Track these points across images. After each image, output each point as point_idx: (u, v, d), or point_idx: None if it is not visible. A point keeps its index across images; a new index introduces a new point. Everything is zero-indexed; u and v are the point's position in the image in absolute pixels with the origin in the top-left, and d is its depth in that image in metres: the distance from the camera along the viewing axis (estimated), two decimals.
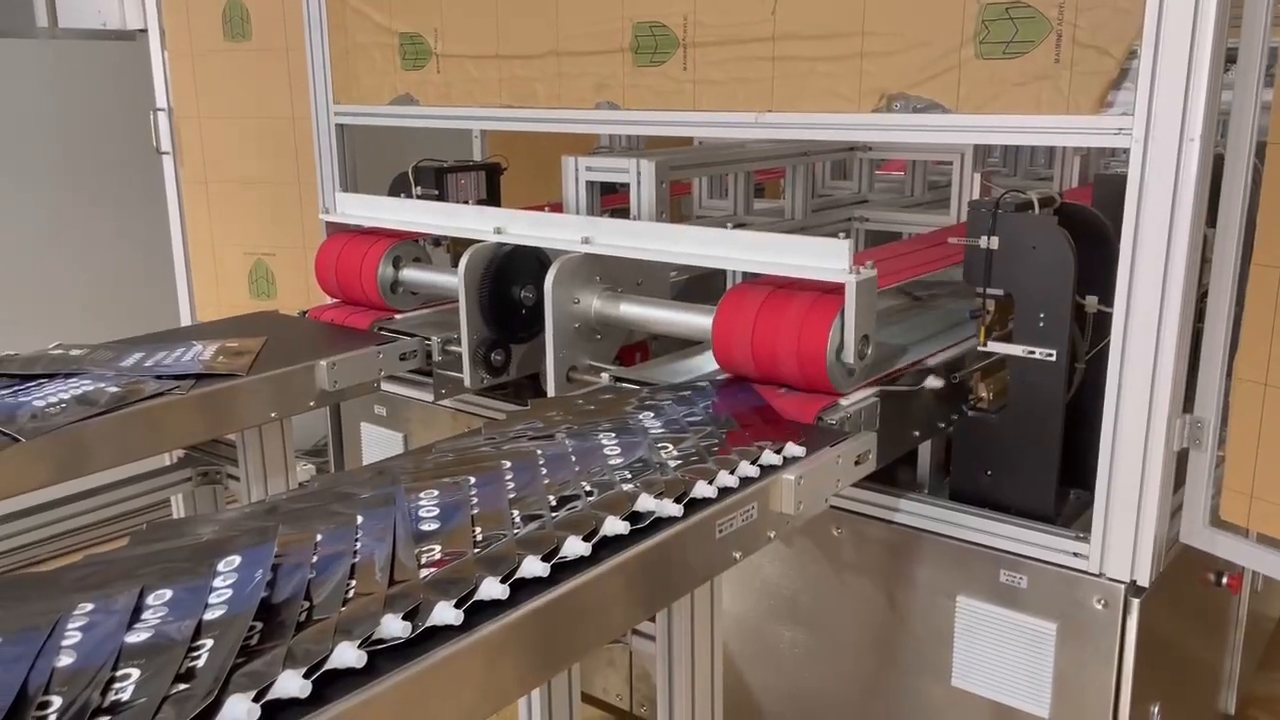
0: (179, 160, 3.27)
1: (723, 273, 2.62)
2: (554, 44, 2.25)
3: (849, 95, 1.88)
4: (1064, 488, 1.87)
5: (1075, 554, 1.76)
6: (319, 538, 1.16)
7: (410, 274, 2.43)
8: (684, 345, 2.15)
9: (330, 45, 2.69)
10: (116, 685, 0.88)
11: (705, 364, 1.98)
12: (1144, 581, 1.71)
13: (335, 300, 2.56)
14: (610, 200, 2.65)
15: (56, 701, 0.85)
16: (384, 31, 2.57)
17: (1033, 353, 1.81)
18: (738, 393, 1.76)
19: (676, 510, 1.25)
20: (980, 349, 1.86)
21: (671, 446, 1.46)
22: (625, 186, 2.39)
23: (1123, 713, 1.75)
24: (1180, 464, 1.75)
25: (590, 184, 2.38)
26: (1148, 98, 1.57)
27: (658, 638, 1.51)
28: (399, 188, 2.76)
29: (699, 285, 2.73)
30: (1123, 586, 1.72)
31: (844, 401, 1.71)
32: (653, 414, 1.63)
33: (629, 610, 1.21)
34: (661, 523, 1.25)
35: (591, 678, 2.47)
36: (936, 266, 2.06)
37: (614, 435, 1.51)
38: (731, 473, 1.37)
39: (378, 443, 2.79)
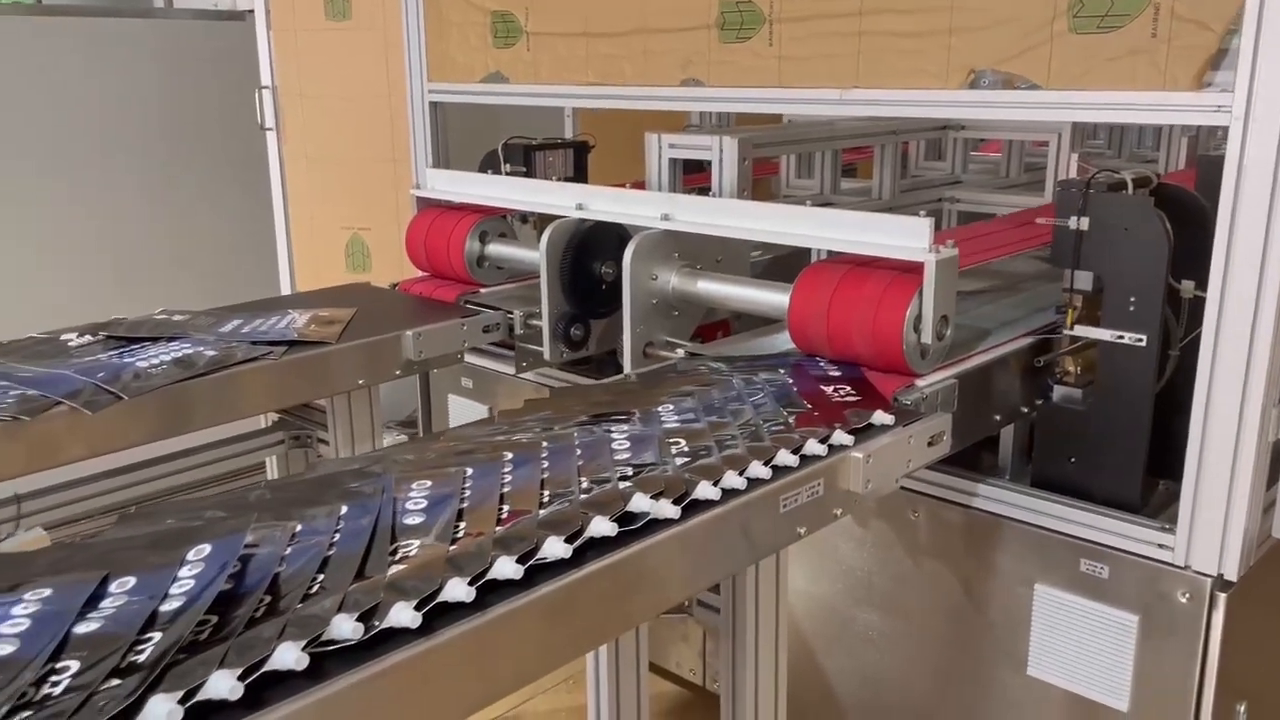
0: (282, 137, 3.38)
1: (806, 254, 2.59)
2: (640, 21, 2.26)
3: (935, 71, 1.85)
4: (1151, 477, 1.81)
5: (1160, 545, 1.70)
6: (298, 528, 1.12)
7: (496, 249, 2.48)
8: (765, 324, 2.15)
9: (425, 24, 2.75)
10: (53, 677, 0.85)
11: (783, 343, 1.97)
12: (1232, 576, 1.65)
13: (424, 274, 2.62)
14: (693, 179, 2.65)
15: None
16: (476, 10, 2.62)
17: (1122, 338, 1.75)
18: (811, 371, 1.75)
19: (674, 512, 1.18)
20: (1067, 333, 1.82)
21: (729, 428, 1.44)
22: (709, 165, 2.38)
23: (1205, 709, 1.70)
24: (1276, 456, 1.68)
25: (673, 161, 2.38)
26: (1249, 74, 1.50)
27: (722, 609, 1.52)
28: (489, 165, 2.81)
29: (782, 266, 2.71)
30: (1209, 580, 1.66)
31: (920, 382, 1.69)
32: (710, 393, 1.62)
33: (688, 578, 1.22)
34: (727, 495, 1.25)
35: (665, 651, 2.50)
36: (1022, 247, 2.02)
37: (626, 430, 1.46)
38: (795, 451, 1.37)
39: (464, 414, 2.85)
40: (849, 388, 1.65)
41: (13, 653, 0.87)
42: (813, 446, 1.38)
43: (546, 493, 1.23)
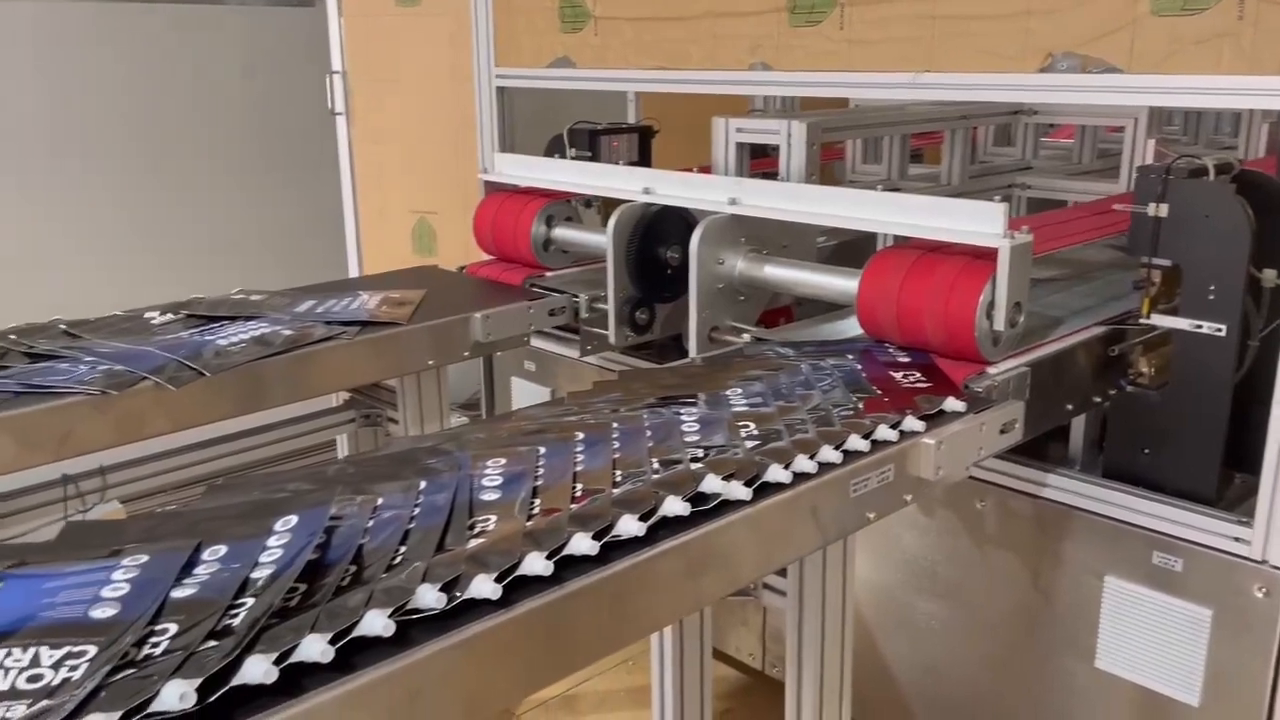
0: (351, 121, 3.44)
1: (872, 240, 2.57)
2: (709, 5, 2.25)
3: (1012, 54, 1.82)
4: (1228, 470, 1.78)
5: (1236, 539, 1.67)
6: (379, 501, 1.15)
7: (562, 233, 2.49)
8: (828, 310, 2.14)
9: (493, 9, 2.77)
10: (154, 638, 0.88)
11: (849, 329, 1.96)
12: None
13: (491, 257, 2.65)
14: (760, 164, 2.65)
15: (91, 650, 0.86)
16: None
17: (1200, 327, 1.72)
18: (880, 357, 1.74)
19: (745, 494, 1.19)
20: (1143, 321, 1.78)
21: (797, 412, 1.44)
22: (775, 149, 2.37)
23: None
24: None
25: (740, 146, 2.37)
26: None
27: (789, 592, 1.53)
28: (554, 149, 2.83)
29: (847, 252, 2.70)
30: None
31: (992, 370, 1.67)
32: (778, 377, 1.61)
33: (758, 560, 1.23)
34: (798, 478, 1.26)
35: (725, 635, 2.51)
36: (1098, 234, 1.98)
37: (695, 412, 1.47)
38: (865, 436, 1.36)
39: (527, 397, 2.88)
40: (919, 374, 1.64)
41: (115, 615, 0.91)
42: (884, 431, 1.38)
43: (619, 473, 1.24)
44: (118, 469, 1.98)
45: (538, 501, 1.17)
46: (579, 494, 1.19)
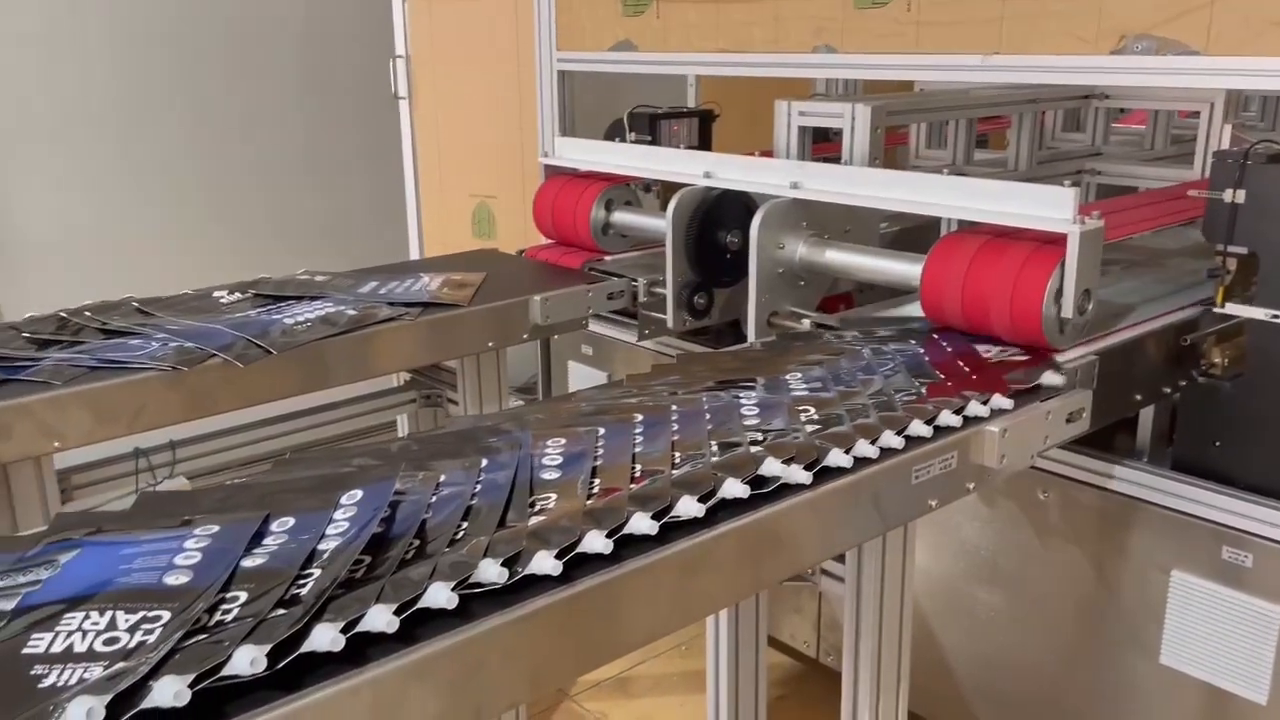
0: (414, 106, 3.47)
1: (936, 226, 2.54)
2: None
3: (1085, 36, 1.78)
4: None
5: None
6: (442, 478, 1.17)
7: (621, 217, 2.50)
8: (889, 297, 2.12)
9: None
10: (224, 605, 0.90)
11: (912, 315, 1.94)
12: None
13: (550, 241, 2.66)
14: (821, 148, 2.62)
15: (165, 616, 0.88)
16: None
17: (1277, 316, 1.67)
18: (945, 343, 1.72)
19: (806, 478, 1.18)
20: (1217, 311, 1.74)
21: (859, 397, 1.43)
22: (838, 134, 2.35)
23: None
24: None
25: (802, 129, 2.35)
26: None
27: (847, 579, 1.52)
28: (614, 134, 2.83)
29: (909, 238, 2.66)
30: None
31: (1059, 358, 1.64)
32: (839, 362, 1.60)
33: (819, 544, 1.22)
34: (859, 463, 1.25)
35: (779, 623, 2.50)
36: (1171, 221, 1.93)
37: (755, 396, 1.46)
38: (929, 422, 1.35)
39: (583, 380, 2.89)
40: (981, 360, 1.61)
41: (188, 582, 0.94)
42: (947, 418, 1.36)
43: (678, 454, 1.24)
44: (186, 444, 2.02)
45: (597, 481, 1.17)
46: (638, 474, 1.19)
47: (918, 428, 1.33)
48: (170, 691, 0.77)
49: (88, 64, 3.58)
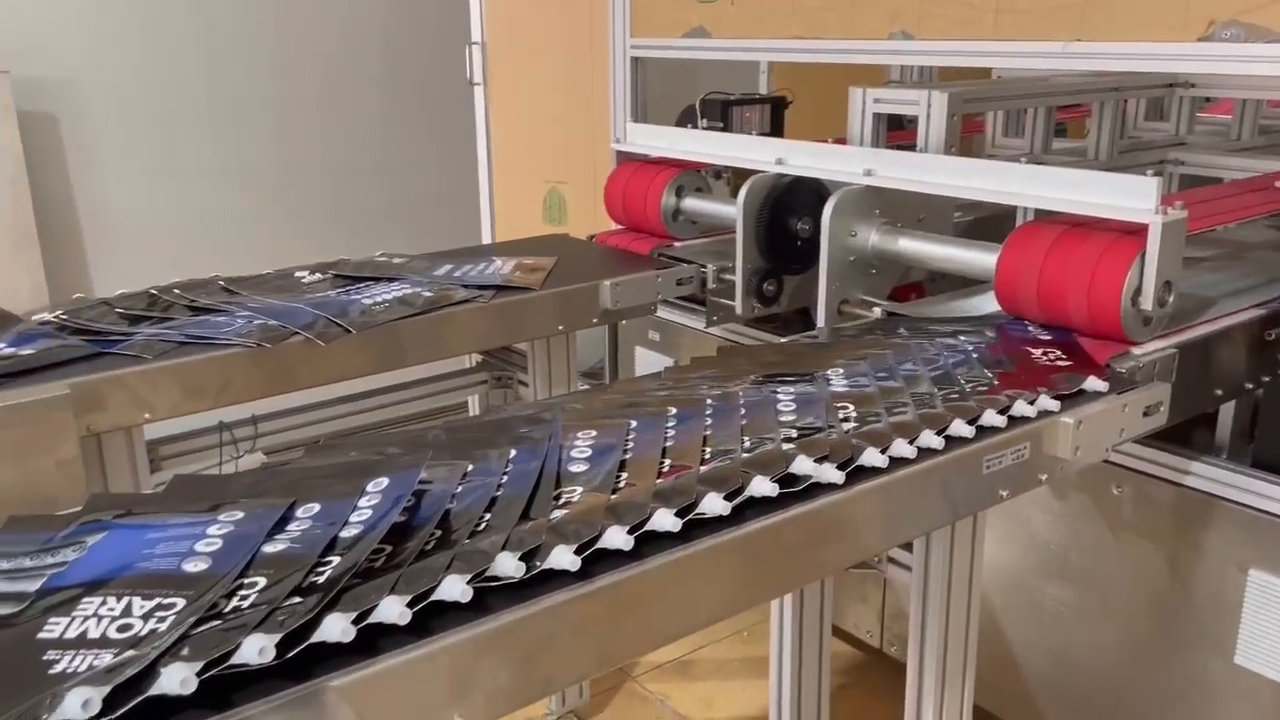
0: (488, 91, 3.51)
1: (1012, 216, 2.50)
2: None
3: (1171, 22, 1.73)
4: None
5: None
6: (469, 467, 1.16)
7: (691, 203, 2.50)
8: (961, 287, 2.10)
9: None
10: (243, 591, 0.90)
11: (986, 304, 1.92)
12: None
13: (620, 226, 2.68)
14: (895, 136, 2.60)
15: (179, 603, 0.88)
16: None
17: None
18: (1017, 333, 1.70)
19: (838, 477, 1.16)
20: None
21: (902, 394, 1.40)
22: (912, 122, 2.32)
23: None
24: None
25: (877, 116, 2.33)
26: None
27: (914, 567, 1.52)
28: (686, 120, 2.83)
29: (983, 228, 2.62)
30: None
31: (1137, 350, 1.61)
32: (887, 357, 1.57)
33: (886, 531, 1.22)
34: (922, 454, 1.24)
35: (843, 611, 2.50)
36: (1257, 212, 1.88)
37: (793, 391, 1.43)
38: (1001, 412, 1.34)
39: (650, 366, 2.91)
40: (1059, 351, 1.59)
41: (205, 569, 0.95)
42: (1020, 408, 1.35)
43: (708, 450, 1.23)
44: (267, 419, 2.09)
45: (624, 475, 1.16)
46: (666, 469, 1.17)
47: (991, 418, 1.32)
48: (177, 679, 0.78)
49: (176, 58, 3.70)
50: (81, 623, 0.88)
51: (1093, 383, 1.46)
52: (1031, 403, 1.37)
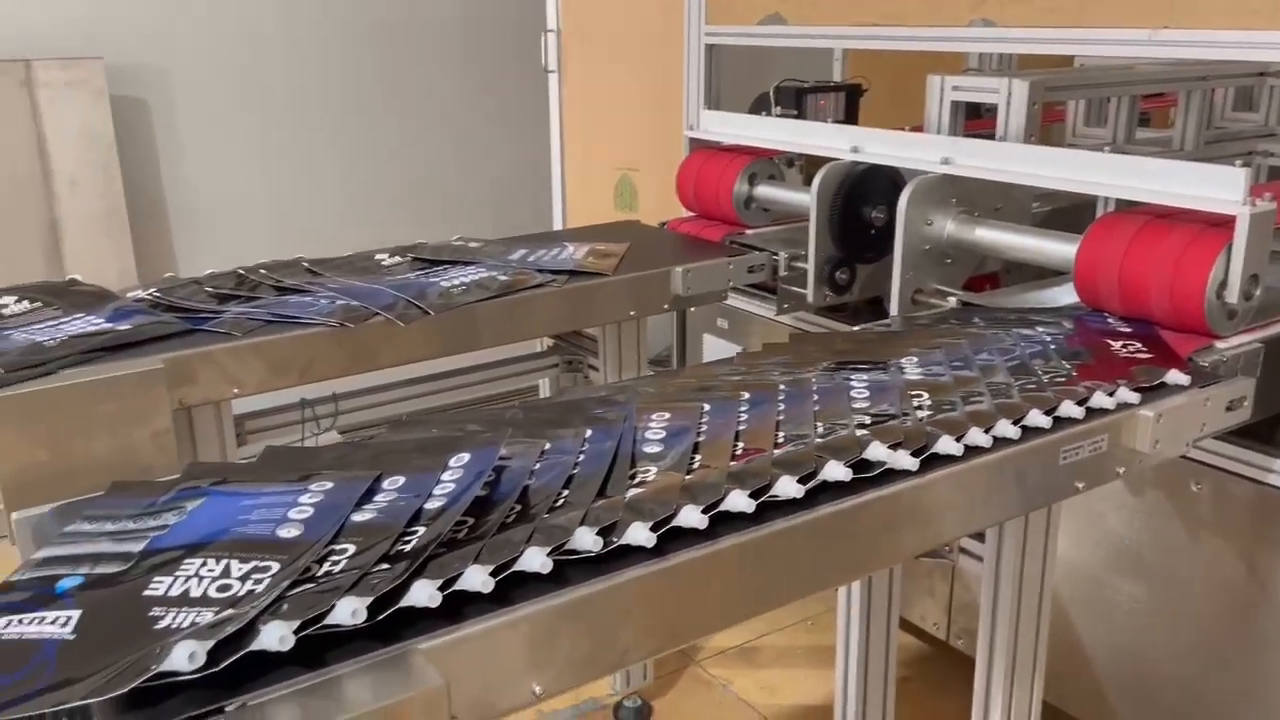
0: (563, 79, 3.54)
1: (1092, 207, 2.46)
2: None
3: (1261, 9, 1.69)
4: None
5: None
6: (547, 445, 1.19)
7: (764, 190, 2.50)
8: (1037, 278, 2.07)
9: None
10: (333, 556, 0.94)
11: (1064, 296, 1.89)
12: None
13: (691, 214, 2.69)
14: (973, 125, 2.56)
15: (275, 566, 0.93)
16: None
17: None
18: (1096, 325, 1.68)
19: (912, 464, 1.16)
20: None
21: (978, 383, 1.39)
22: (990, 110, 2.29)
23: None
24: None
25: (955, 105, 2.31)
26: None
27: (986, 558, 1.51)
28: (759, 108, 2.83)
29: (1062, 219, 2.58)
30: None
31: (1221, 344, 1.58)
32: (963, 346, 1.56)
33: (959, 519, 1.22)
34: (999, 443, 1.24)
35: (910, 603, 2.49)
36: None
37: (867, 378, 1.43)
38: (1079, 403, 1.32)
39: (718, 353, 2.92)
40: (1139, 344, 1.57)
41: (298, 535, 0.99)
42: (1099, 399, 1.33)
43: (781, 434, 1.24)
44: (347, 397, 2.14)
45: (698, 457, 1.18)
46: (739, 452, 1.19)
47: (1068, 409, 1.31)
48: (275, 636, 0.82)
49: (260, 44, 3.80)
50: (184, 582, 0.92)
51: (1174, 376, 1.43)
52: (1110, 394, 1.35)
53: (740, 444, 1.21)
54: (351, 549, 0.96)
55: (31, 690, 0.79)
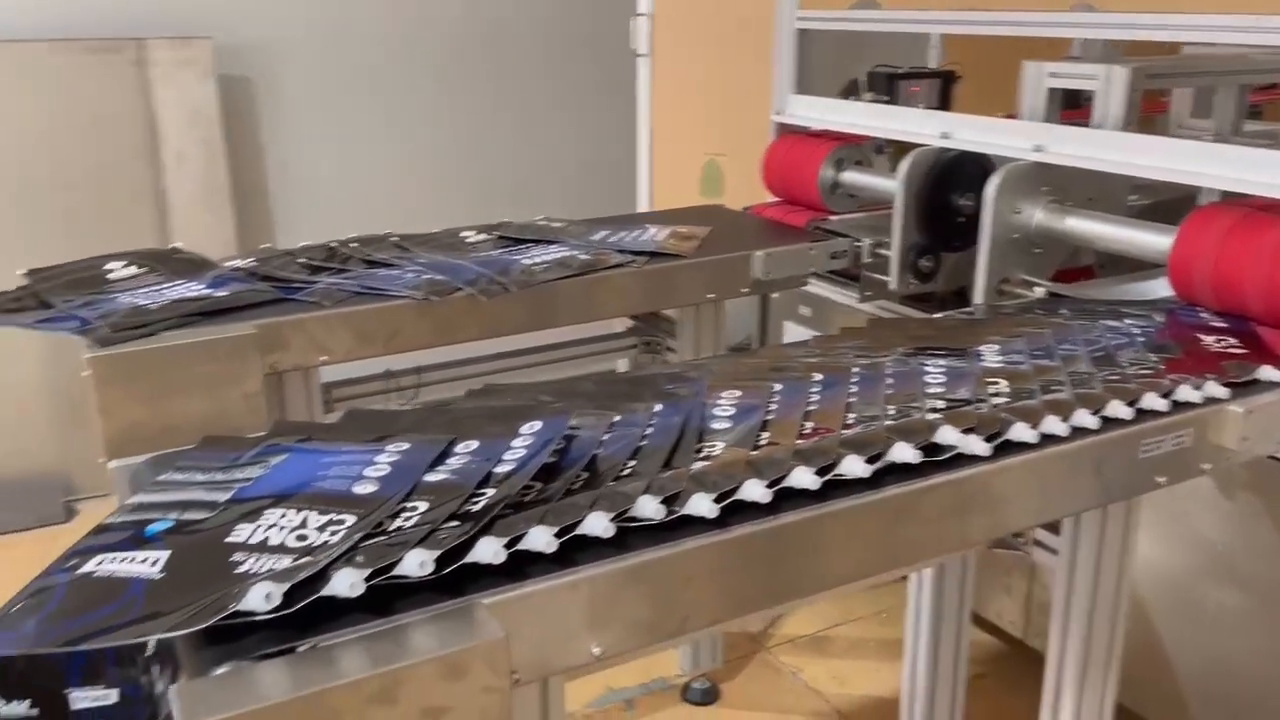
0: (653, 63, 3.55)
1: (1192, 200, 2.37)
2: None
3: None
4: None
5: None
6: (616, 418, 1.21)
7: (850, 176, 2.48)
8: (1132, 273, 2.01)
9: None
10: (405, 513, 0.98)
11: (1157, 290, 1.83)
12: None
13: (776, 199, 2.68)
14: (1070, 114, 2.49)
15: (350, 520, 0.97)
16: None
17: None
18: (1188, 319, 1.62)
19: (985, 449, 1.14)
20: None
21: (1058, 372, 1.37)
22: (1089, 99, 2.23)
23: None
24: None
25: (1051, 91, 2.25)
26: None
27: (1061, 551, 1.48)
28: (849, 95, 2.80)
29: (1162, 213, 2.49)
30: None
31: None
32: (1046, 336, 1.53)
33: (1033, 507, 1.20)
34: (1076, 433, 1.21)
35: (986, 600, 2.44)
36: None
37: (943, 364, 1.41)
38: (1164, 395, 1.29)
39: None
40: (1233, 339, 1.51)
41: (373, 492, 1.03)
42: (1185, 392, 1.29)
43: (852, 415, 1.23)
44: (430, 369, 2.20)
45: (765, 435, 1.18)
46: (807, 431, 1.19)
47: (1151, 400, 1.27)
48: (346, 583, 0.86)
49: (359, 26, 3.89)
50: (264, 530, 0.97)
51: (1267, 372, 1.38)
52: (1197, 388, 1.31)
53: (809, 424, 1.21)
54: (423, 506, 1.00)
55: (121, 622, 0.85)
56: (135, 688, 1.13)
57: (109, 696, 1.13)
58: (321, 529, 0.96)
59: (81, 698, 1.13)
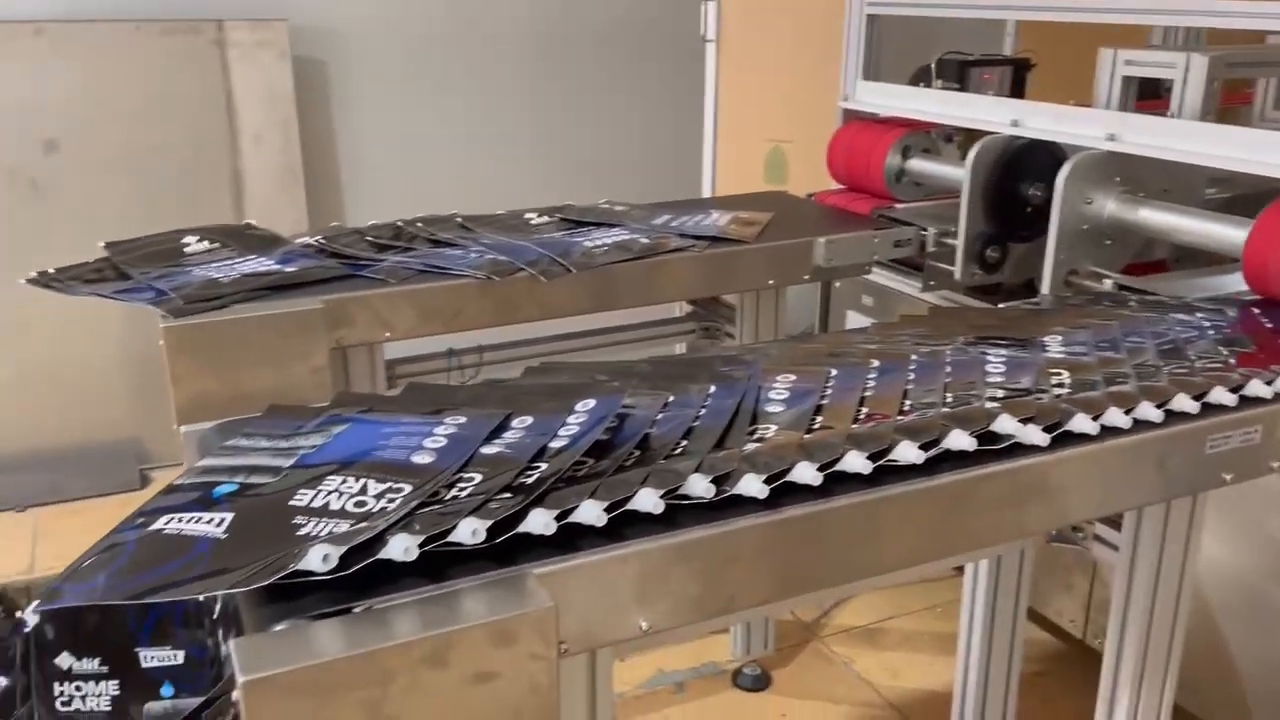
0: (720, 49, 3.53)
1: (1274, 195, 2.30)
2: None
3: None
4: None
5: None
6: (670, 398, 1.22)
7: (917, 164, 2.45)
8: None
9: None
10: (460, 484, 1.00)
11: (1230, 284, 1.78)
12: None
13: (841, 187, 2.66)
14: (1145, 105, 2.43)
15: (406, 489, 0.99)
16: None
17: None
18: (1263, 315, 1.58)
19: (1043, 439, 1.12)
20: None
21: (1123, 364, 1.34)
22: (1167, 89, 2.17)
23: None
24: None
25: (1126, 80, 2.19)
26: None
27: (1121, 547, 1.45)
28: (918, 81, 2.76)
29: (1242, 207, 2.41)
30: None
31: None
32: (1111, 328, 1.49)
33: (1093, 499, 1.18)
34: (1139, 426, 1.19)
35: (1046, 598, 2.41)
36: None
37: (1005, 354, 1.38)
38: (1233, 390, 1.25)
39: None
40: None
41: (430, 462, 1.06)
42: (1255, 387, 1.26)
43: (908, 402, 1.22)
44: (491, 349, 2.23)
45: (819, 419, 1.18)
46: (862, 416, 1.18)
47: (1219, 395, 1.24)
48: (401, 547, 0.89)
49: (434, 15, 3.94)
50: (325, 496, 1.00)
51: None
52: (1269, 383, 1.27)
53: (864, 409, 1.21)
54: (478, 478, 1.02)
55: (187, 577, 0.88)
56: (201, 650, 1.18)
57: (176, 657, 1.18)
58: (379, 496, 0.99)
59: (150, 657, 1.17)
